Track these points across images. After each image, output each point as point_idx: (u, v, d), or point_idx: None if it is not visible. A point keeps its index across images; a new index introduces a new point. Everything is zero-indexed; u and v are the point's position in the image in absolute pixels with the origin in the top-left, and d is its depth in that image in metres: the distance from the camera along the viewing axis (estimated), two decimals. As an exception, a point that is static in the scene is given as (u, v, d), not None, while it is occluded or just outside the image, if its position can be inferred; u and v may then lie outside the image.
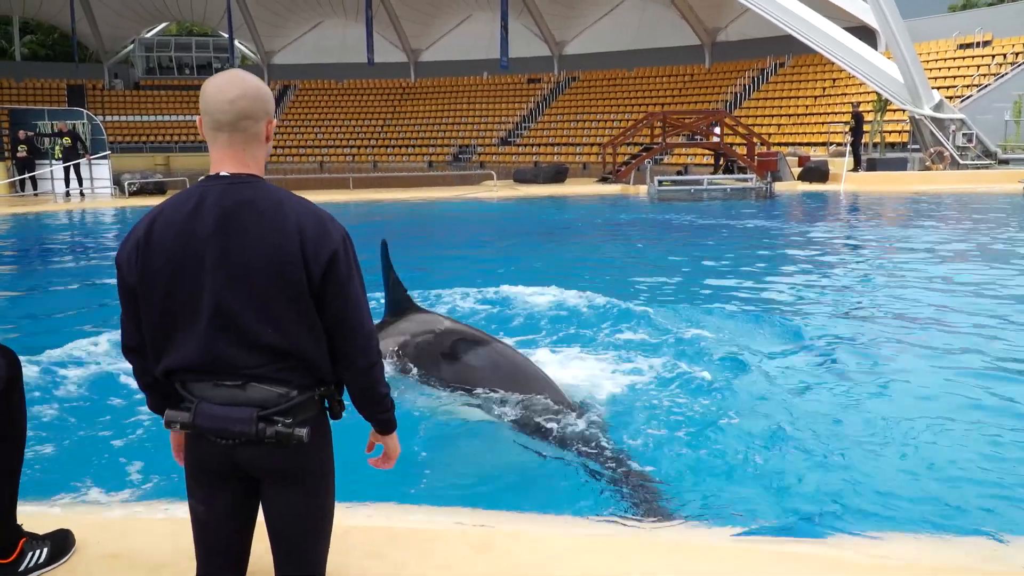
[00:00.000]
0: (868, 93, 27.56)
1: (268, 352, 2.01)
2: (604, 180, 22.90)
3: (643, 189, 21.16)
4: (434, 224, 15.60)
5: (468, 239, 12.98)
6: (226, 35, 42.59)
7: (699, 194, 20.70)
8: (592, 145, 36.17)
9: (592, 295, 6.79)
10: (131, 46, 46.33)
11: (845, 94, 30.87)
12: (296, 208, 2.05)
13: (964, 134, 21.95)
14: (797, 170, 22.27)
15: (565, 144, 37.43)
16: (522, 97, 41.89)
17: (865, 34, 27.79)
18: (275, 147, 42.09)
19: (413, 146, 40.86)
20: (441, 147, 40.52)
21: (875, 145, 25.35)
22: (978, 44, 28.72)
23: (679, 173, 24.57)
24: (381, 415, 2.18)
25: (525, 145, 38.76)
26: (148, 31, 47.34)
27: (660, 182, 21.12)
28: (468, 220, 16.39)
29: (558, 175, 23.36)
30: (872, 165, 22.28)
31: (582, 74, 41.54)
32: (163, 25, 47.95)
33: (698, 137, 26.44)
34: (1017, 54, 26.97)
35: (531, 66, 41.89)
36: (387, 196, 20.41)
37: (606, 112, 38.31)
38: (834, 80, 31.90)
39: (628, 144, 31.68)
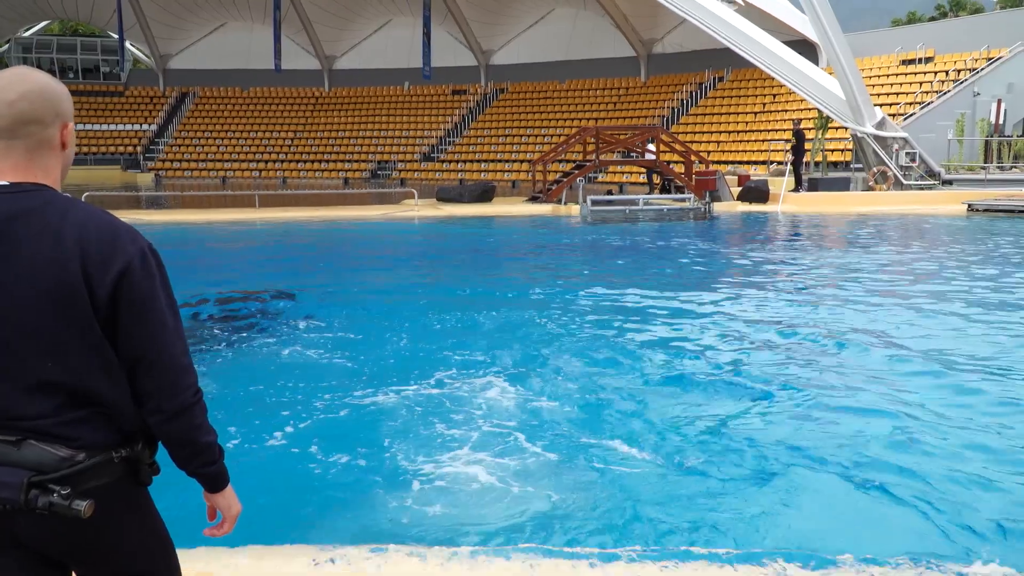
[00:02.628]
0: (809, 110, 28.59)
1: (53, 397, 1.81)
2: (534, 199, 23.03)
3: (576, 209, 21.38)
4: (348, 246, 15.39)
5: (386, 261, 12.84)
6: (116, 36, 41.61)
7: (635, 215, 21.01)
8: (521, 162, 36.45)
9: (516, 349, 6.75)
10: (6, 46, 44.79)
11: (786, 110, 31.97)
12: (82, 218, 1.85)
13: (907, 153, 22.94)
14: (736, 190, 22.86)
15: (493, 160, 37.66)
16: (446, 109, 42.08)
17: (806, 48, 28.94)
18: (171, 161, 41.09)
19: (327, 161, 40.56)
20: (358, 162, 40.32)
21: (817, 164, 26.26)
22: (920, 60, 30.18)
23: (609, 192, 24.95)
24: (205, 469, 1.95)
25: (449, 161, 38.87)
26: (26, 30, 45.89)
27: (593, 202, 21.37)
28: (386, 242, 16.24)
29: (485, 194, 23.40)
30: (814, 185, 23.06)
31: (511, 85, 41.97)
32: (44, 23, 46.57)
33: (633, 154, 26.96)
34: (959, 71, 28.41)
35: (456, 76, 42.13)
36: (298, 215, 20.11)
37: (536, 126, 38.76)
38: (774, 96, 33.02)
39: (560, 161, 32.11)
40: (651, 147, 24.41)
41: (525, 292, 9.84)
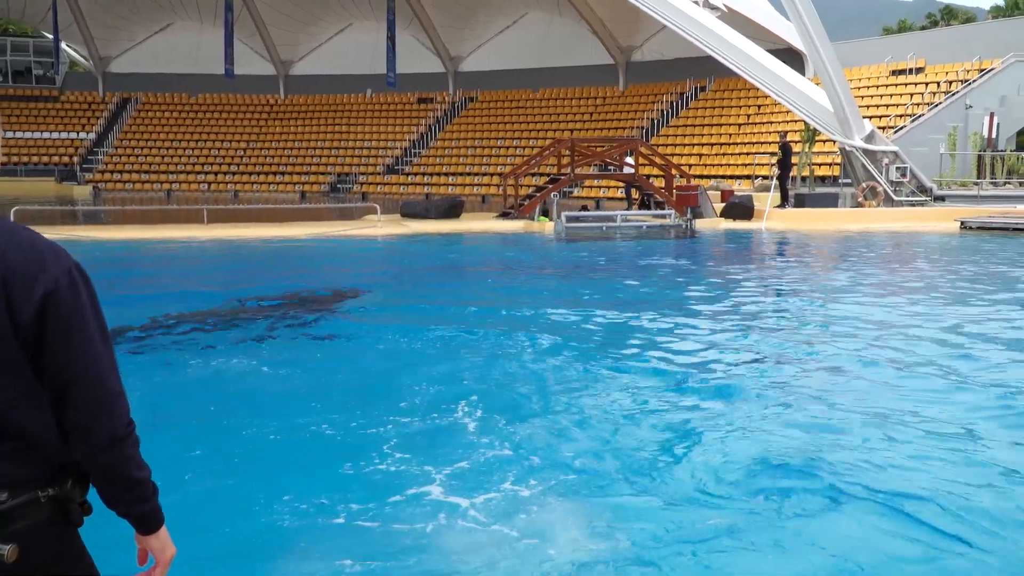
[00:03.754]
0: (796, 122, 29.05)
1: None
2: (505, 215, 23.14)
3: (549, 226, 21.50)
4: (305, 267, 15.32)
5: (346, 280, 12.80)
6: (50, 36, 41.21)
7: (612, 232, 21.17)
8: (492, 175, 36.63)
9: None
10: (-72, 46, 44.27)
11: (771, 122, 32.46)
12: (3, 236, 1.82)
13: (898, 168, 23.37)
14: (719, 206, 23.13)
15: (461, 173, 37.81)
16: (411, 118, 42.22)
17: (792, 57, 29.45)
18: (111, 172, 40.74)
19: (282, 173, 40.52)
20: (316, 175, 40.32)
21: (803, 179, 26.66)
22: (911, 71, 30.83)
23: (584, 208, 25.17)
24: (137, 508, 1.89)
25: (415, 174, 38.97)
26: (-49, 29, 45.45)
27: (568, 218, 21.50)
28: (346, 261, 16.20)
29: (453, 209, 23.47)
30: (800, 201, 23.39)
31: (481, 94, 42.22)
32: (-30, 23, 46.13)
33: (611, 168, 27.20)
34: (951, 82, 29.06)
35: (422, 83, 42.33)
36: (250, 233, 19.98)
37: (508, 137, 38.99)
38: (759, 107, 33.52)
39: (532, 175, 32.29)
40: (629, 160, 24.63)
41: (493, 315, 9.86)
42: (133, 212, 28.19)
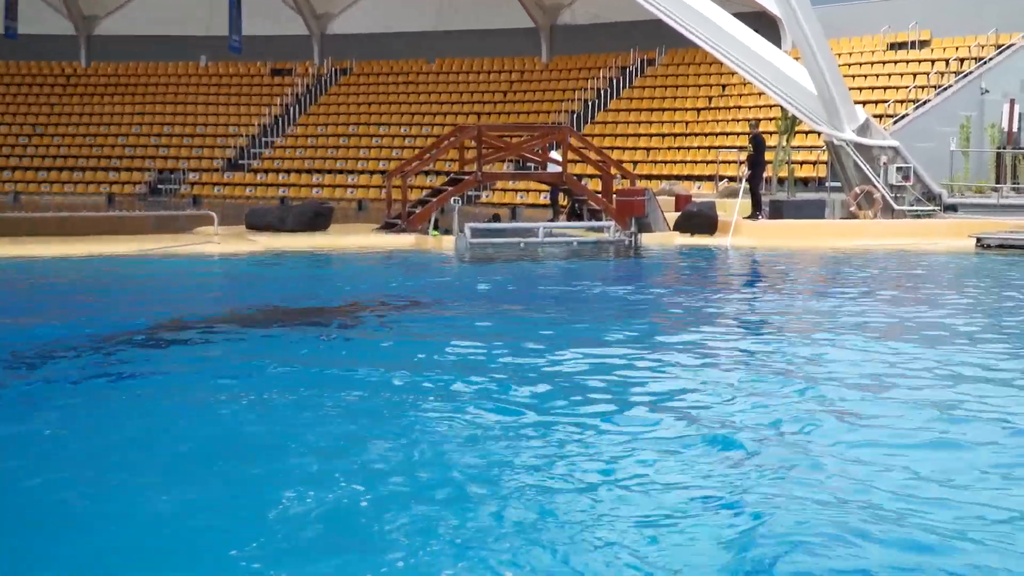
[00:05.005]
0: (771, 107, 29.85)
1: None
2: (389, 227, 23.07)
3: (449, 242, 21.58)
4: (106, 298, 15.03)
5: (162, 313, 12.63)
6: None
7: (532, 250, 21.37)
8: (372, 173, 36.65)
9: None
10: None
11: (740, 107, 33.31)
12: None
13: (899, 168, 24.21)
14: (673, 215, 23.57)
15: (330, 171, 37.76)
16: (262, 96, 42.02)
17: (766, 24, 30.38)
18: None
19: (83, 169, 39.81)
20: (129, 172, 39.70)
21: (781, 181, 27.39)
22: (913, 44, 32.09)
23: (495, 219, 25.36)
24: None
25: (266, 171, 38.74)
26: None
27: (474, 232, 21.62)
28: (166, 291, 15.92)
29: (318, 219, 23.29)
30: (777, 209, 24.04)
31: (357, 64, 42.29)
32: None
33: (531, 165, 27.40)
34: (962, 60, 30.37)
35: (277, 49, 42.18)
36: (35, 251, 19.50)
37: (394, 123, 39.06)
38: (724, 87, 34.39)
39: (427, 173, 32.33)
40: (555, 155, 24.84)
41: (364, 364, 9.81)
42: None
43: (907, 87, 30.27)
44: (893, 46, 32.55)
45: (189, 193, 37.86)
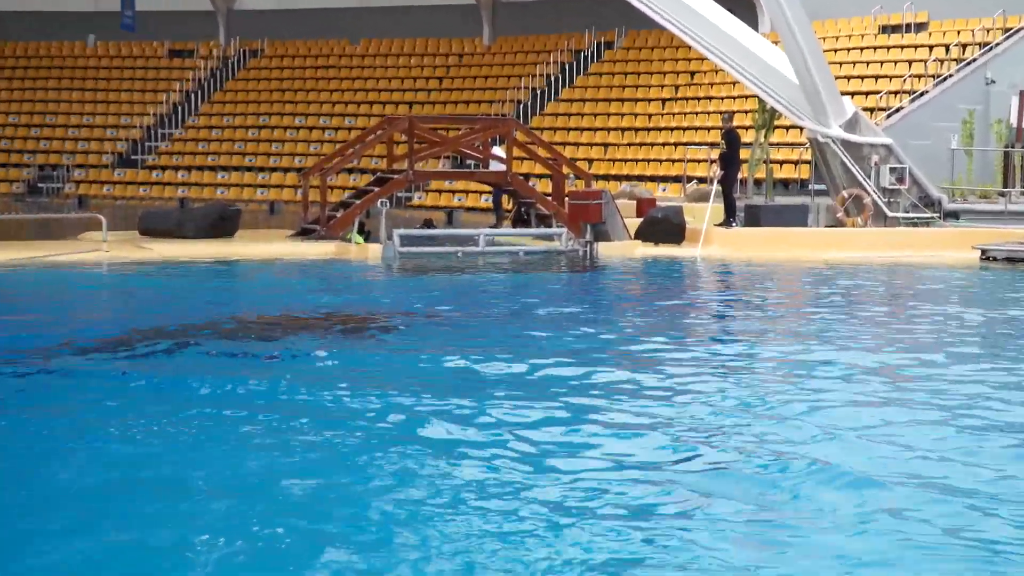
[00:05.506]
0: (747, 98, 29.95)
1: None
2: (306, 234, 22.88)
3: (375, 251, 21.44)
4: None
5: (37, 339, 12.36)
6: None
7: (472, 261, 21.26)
8: (286, 171, 36.40)
9: None
10: None
11: (711, 98, 33.40)
12: None
13: (893, 169, 24.36)
14: (635, 222, 23.52)
15: (237, 168, 37.52)
16: (159, 82, 41.75)
17: (741, 4, 30.42)
18: None
19: (-54, 164, 39.26)
20: (5, 168, 39.36)
21: (758, 183, 27.47)
22: (908, 27, 32.39)
23: (429, 225, 25.15)
24: None
25: (163, 168, 38.44)
26: None
27: (404, 240, 21.48)
28: (45, 307, 15.61)
29: (223, 223, 23.08)
30: (754, 215, 24.05)
31: (269, 45, 42.13)
32: None
33: (470, 163, 27.25)
34: (964, 46, 30.69)
35: (177, 27, 41.90)
36: None
37: (312, 114, 38.86)
38: (692, 74, 34.50)
39: (350, 171, 32.12)
40: (499, 151, 24.81)
41: (270, 398, 9.72)
42: None
43: (901, 76, 30.51)
44: (885, 29, 32.85)
45: (74, 193, 37.47)
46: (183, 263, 20.20)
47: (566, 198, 23.26)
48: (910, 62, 31.09)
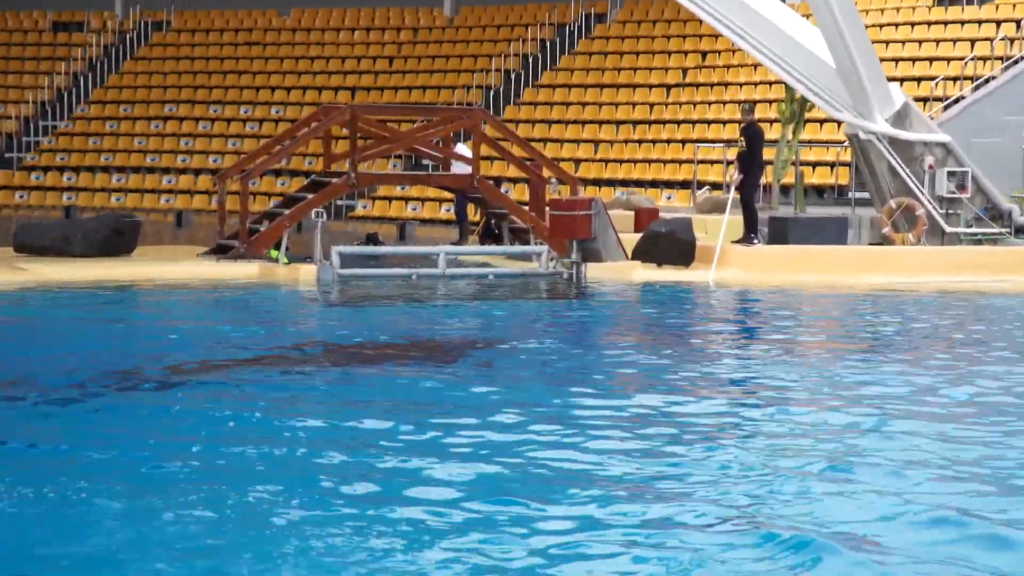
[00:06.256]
0: (771, 84, 29.89)
1: None
2: (222, 251, 22.78)
3: (309, 273, 21.31)
4: None
5: None
6: None
7: (430, 286, 21.17)
8: (198, 173, 36.15)
9: None
10: None
11: (728, 84, 33.33)
12: None
13: (952, 174, 24.28)
14: (632, 237, 23.39)
15: (136, 169, 37.31)
16: (40, 62, 41.72)
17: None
18: None
19: None
20: None
21: (786, 190, 27.37)
22: (971, 0, 32.50)
23: (371, 240, 24.99)
24: None
25: (44, 169, 38.22)
26: None
27: (345, 259, 21.38)
28: None
29: (118, 239, 23.07)
30: (780, 230, 23.92)
31: (176, 17, 42.15)
32: None
33: (428, 164, 27.10)
34: (1040, 21, 30.79)
35: (61, -5, 41.87)
36: None
37: (230, 102, 38.74)
38: (704, 55, 34.45)
39: (277, 173, 31.91)
40: (463, 149, 24.72)
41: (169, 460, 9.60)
42: None
43: (962, 59, 30.50)
44: (943, 1, 32.85)
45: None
46: (66, 288, 20.17)
47: (547, 208, 23.13)
48: (972, 41, 31.11)
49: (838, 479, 9.17)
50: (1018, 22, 30.73)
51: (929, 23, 32.54)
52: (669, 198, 30.16)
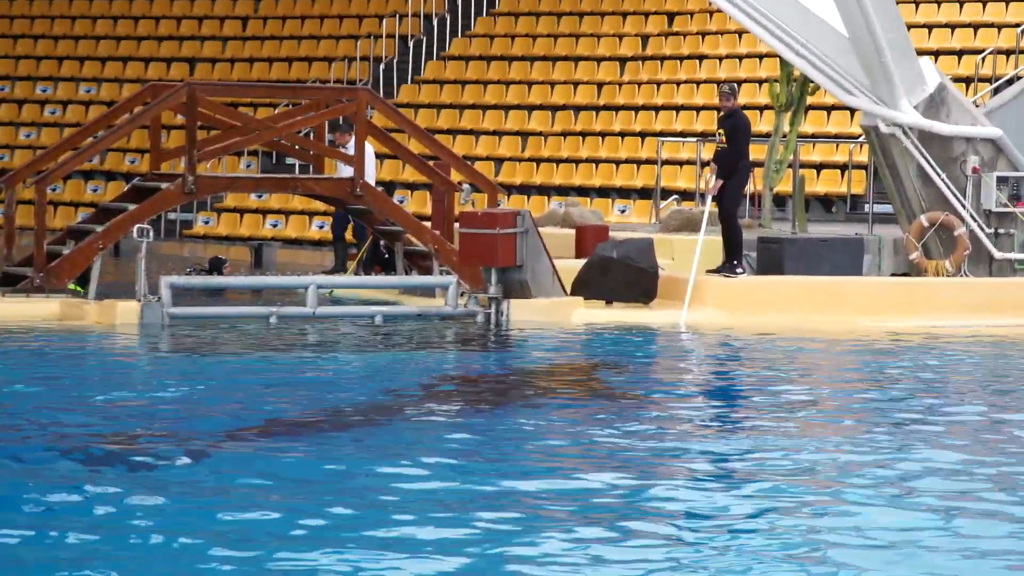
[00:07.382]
0: (763, 59, 30.19)
1: None
2: (10, 283, 22.71)
3: (131, 312, 21.32)
4: None
5: None
6: None
7: (296, 330, 21.30)
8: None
9: None
10: None
11: (703, 57, 33.62)
12: None
13: (1003, 180, 24.45)
14: (574, 265, 23.50)
15: None
16: None
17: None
18: None
19: None
20: None
21: (781, 201, 27.60)
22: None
23: (214, 267, 25.05)
24: None
25: None
26: None
27: (180, 292, 21.45)
28: None
29: None
30: (772, 257, 24.07)
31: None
32: None
33: (296, 164, 27.17)
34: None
35: None
36: None
37: (22, 77, 39.18)
38: (671, 16, 34.72)
39: (88, 177, 31.86)
40: (347, 142, 24.74)
41: None
42: None
43: (1017, 26, 30.90)
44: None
45: None
46: None
47: (456, 224, 23.27)
48: (1019, 24, 31.49)
49: None
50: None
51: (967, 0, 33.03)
52: (623, 211, 30.35)
